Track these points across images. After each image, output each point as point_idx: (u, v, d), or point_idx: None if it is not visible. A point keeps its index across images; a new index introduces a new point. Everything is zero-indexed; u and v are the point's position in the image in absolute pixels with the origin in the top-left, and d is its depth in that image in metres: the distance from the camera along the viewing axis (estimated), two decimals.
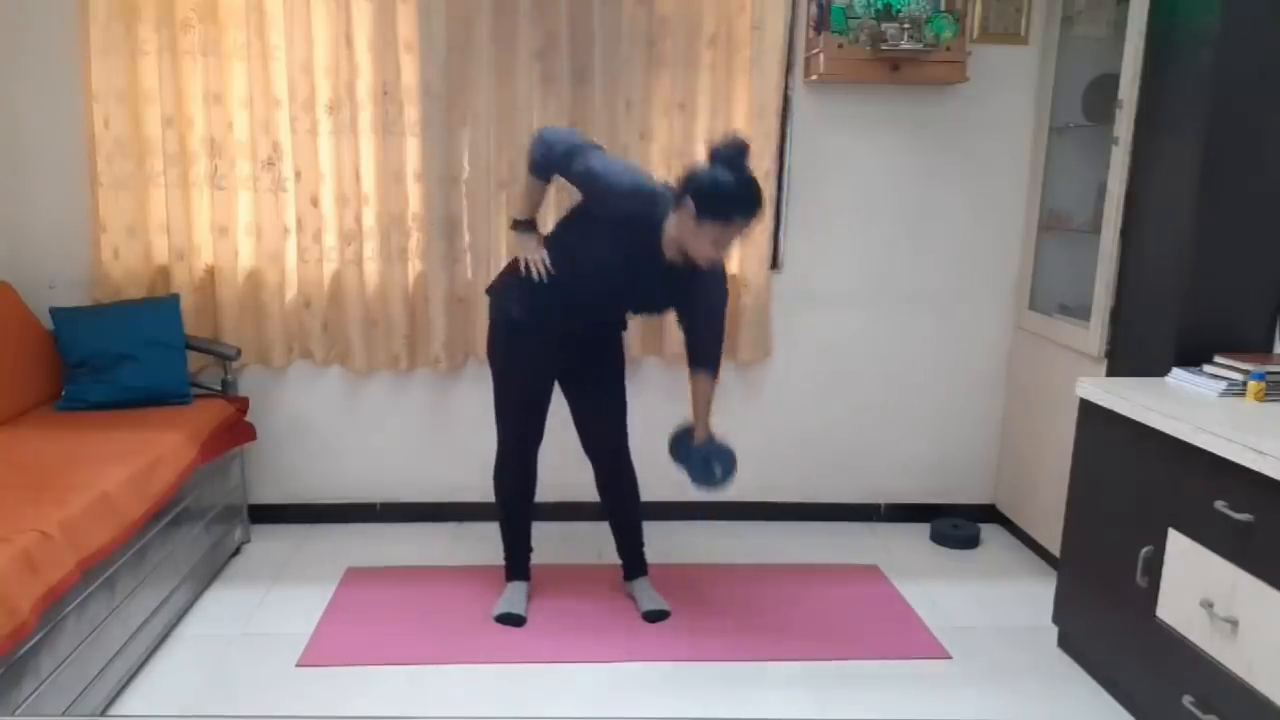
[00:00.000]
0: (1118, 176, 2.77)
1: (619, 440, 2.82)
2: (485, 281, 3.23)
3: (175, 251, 3.19)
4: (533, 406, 2.75)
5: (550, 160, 2.48)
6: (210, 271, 3.25)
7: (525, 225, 2.62)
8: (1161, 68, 2.62)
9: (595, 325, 2.73)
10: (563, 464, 2.92)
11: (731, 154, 2.33)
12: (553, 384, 2.77)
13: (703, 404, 2.67)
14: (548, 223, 2.96)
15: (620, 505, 2.87)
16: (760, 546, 3.37)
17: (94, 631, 2.20)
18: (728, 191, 2.30)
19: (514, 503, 2.84)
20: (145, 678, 2.46)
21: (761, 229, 3.28)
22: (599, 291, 2.58)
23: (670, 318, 3.27)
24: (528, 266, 2.56)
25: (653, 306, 2.76)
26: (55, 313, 3.02)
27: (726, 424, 3.49)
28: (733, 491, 3.51)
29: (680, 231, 2.39)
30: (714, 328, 2.63)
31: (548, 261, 2.54)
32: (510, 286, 2.64)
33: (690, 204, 2.31)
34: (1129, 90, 2.72)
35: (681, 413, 2.71)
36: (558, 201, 3.08)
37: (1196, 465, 2.07)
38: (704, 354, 2.64)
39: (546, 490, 2.88)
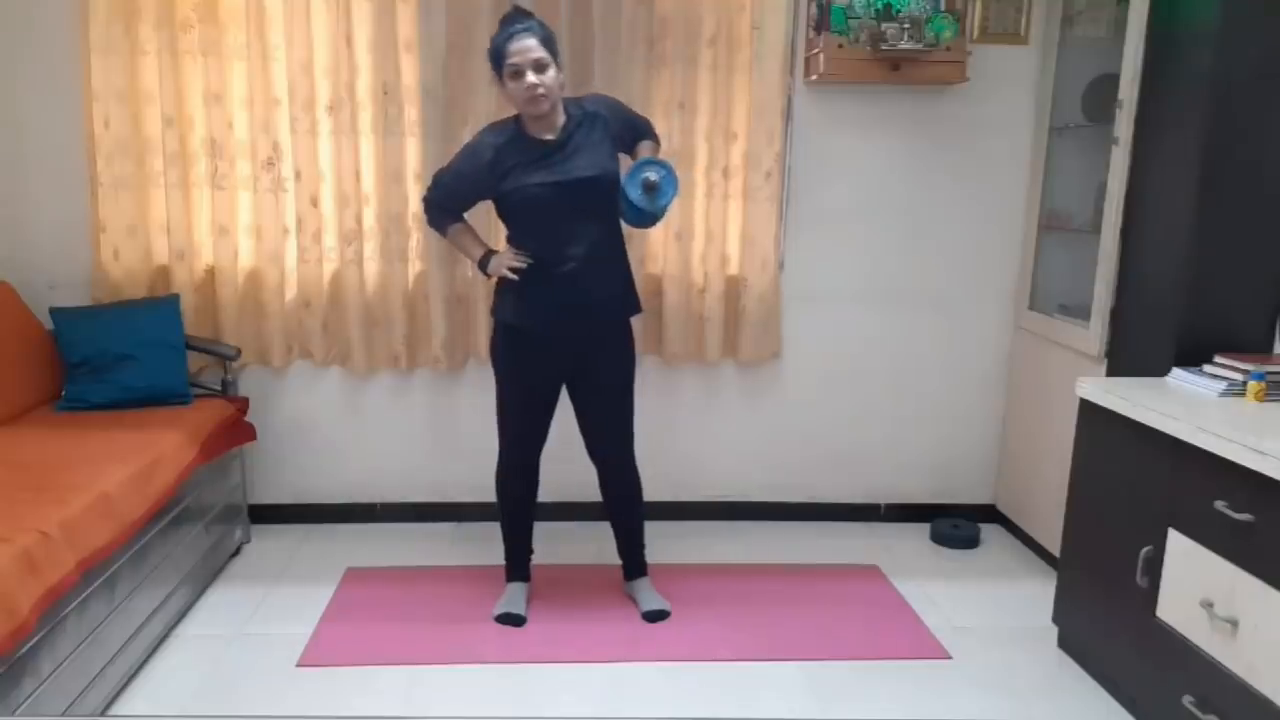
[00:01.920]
0: (1118, 176, 2.77)
1: (624, 444, 2.81)
2: (485, 281, 3.23)
3: (175, 251, 3.19)
4: (535, 414, 2.75)
5: (437, 205, 2.69)
6: (210, 271, 3.25)
7: (486, 255, 2.67)
8: (1161, 68, 2.62)
9: (600, 276, 2.62)
10: (563, 464, 2.92)
11: (503, 18, 2.52)
12: (558, 393, 2.76)
13: (646, 153, 2.69)
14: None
15: (623, 508, 2.87)
16: (760, 546, 3.37)
17: (94, 631, 2.20)
18: (493, 40, 2.50)
19: (516, 505, 2.84)
20: (145, 678, 2.46)
21: (765, 230, 3.28)
22: (563, 216, 2.54)
23: (673, 318, 3.28)
24: (513, 270, 2.56)
25: (603, 176, 2.57)
26: (55, 313, 3.02)
27: (727, 423, 3.51)
28: (733, 491, 3.54)
29: (512, 104, 2.53)
30: (626, 115, 2.71)
31: (517, 251, 2.58)
32: (505, 296, 2.65)
33: (496, 80, 2.53)
34: (1129, 90, 2.72)
35: (681, 412, 2.71)
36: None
37: (1196, 465, 2.07)
38: (641, 133, 2.73)
39: (547, 490, 2.88)
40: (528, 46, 2.44)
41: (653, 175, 2.53)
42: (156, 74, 3.07)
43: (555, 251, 2.55)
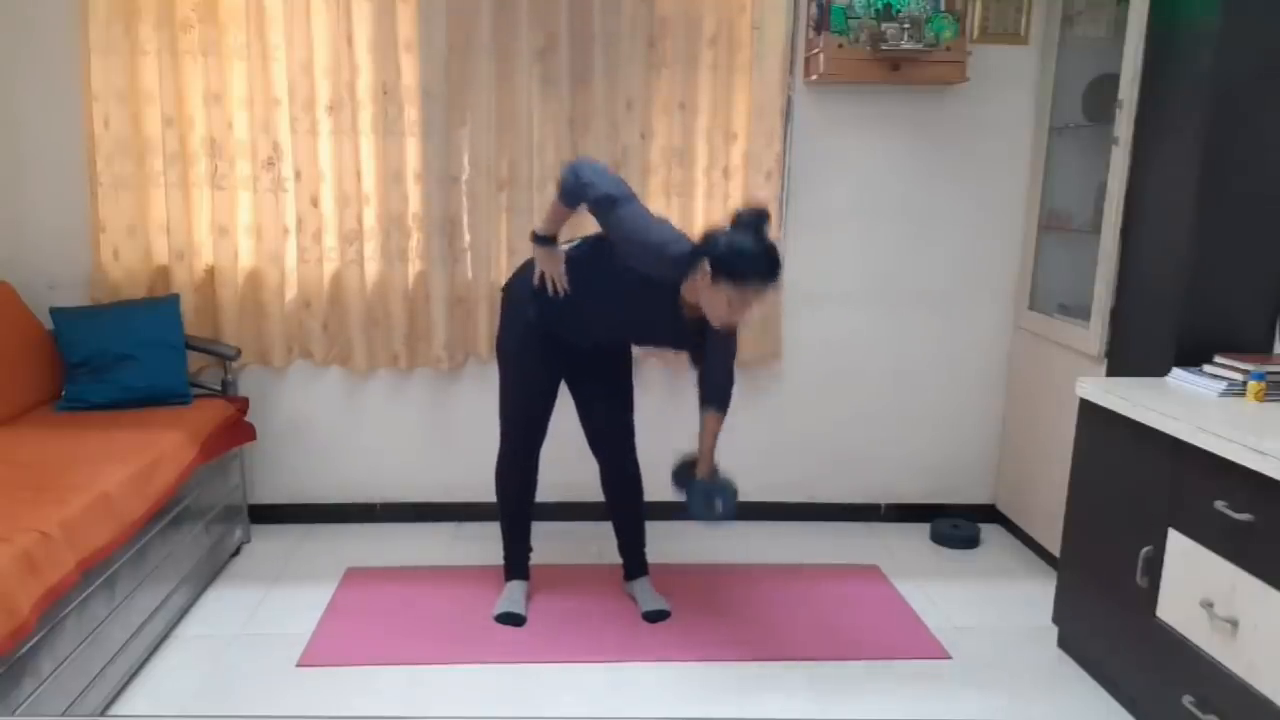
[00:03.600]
0: (1118, 176, 2.77)
1: (625, 436, 2.82)
2: (485, 281, 3.24)
3: (175, 251, 3.19)
4: (538, 406, 2.75)
5: (583, 199, 2.43)
6: (210, 271, 3.25)
7: (546, 240, 2.55)
8: (1161, 68, 2.62)
9: (601, 346, 2.74)
10: (564, 463, 2.92)
11: (752, 219, 2.34)
12: (559, 384, 2.77)
13: (709, 439, 2.65)
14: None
15: (624, 504, 2.88)
16: (760, 546, 3.37)
17: (94, 631, 2.20)
18: (745, 255, 2.29)
19: (515, 501, 2.84)
20: (145, 678, 2.46)
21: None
22: (608, 325, 2.63)
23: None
24: (543, 280, 2.55)
25: (661, 344, 2.80)
26: (55, 313, 3.02)
27: (727, 424, 3.50)
28: None
29: (697, 292, 2.37)
30: (724, 366, 2.63)
31: (564, 279, 2.53)
32: (525, 290, 2.64)
33: (708, 265, 2.30)
34: (1129, 90, 2.72)
35: (681, 412, 2.71)
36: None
37: (1196, 465, 2.07)
38: (714, 391, 2.63)
39: (547, 490, 2.88)
40: (766, 296, 2.39)
41: (719, 507, 2.62)
42: (156, 74, 3.07)
43: (584, 322, 2.61)
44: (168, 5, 3.03)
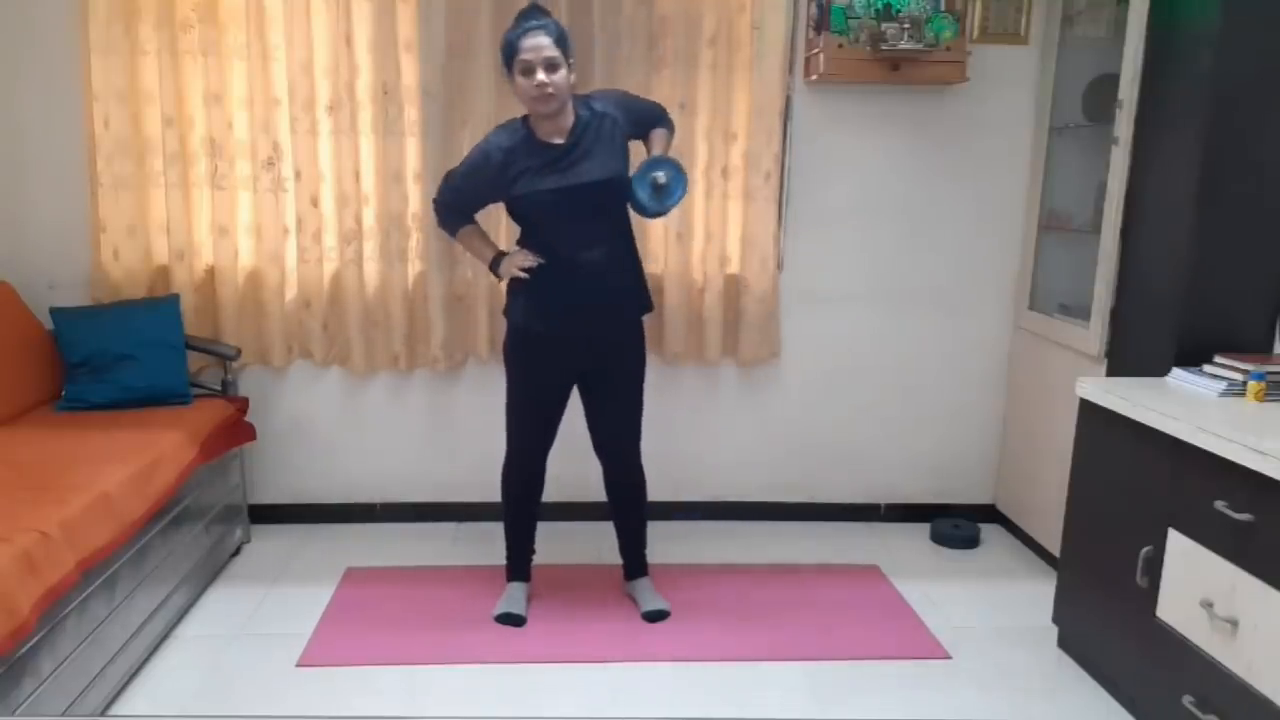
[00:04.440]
0: (1118, 176, 2.77)
1: (631, 442, 2.81)
2: (485, 281, 3.25)
3: (175, 251, 3.19)
4: (545, 415, 2.74)
5: (442, 207, 2.70)
6: (210, 271, 3.25)
7: (497, 257, 2.67)
8: (1161, 68, 2.62)
9: (611, 279, 2.62)
10: (565, 464, 2.92)
11: (520, 12, 2.50)
12: (569, 393, 2.76)
13: (659, 143, 2.70)
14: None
15: (626, 506, 2.87)
16: (760, 546, 3.37)
17: (94, 631, 2.20)
18: (507, 34, 2.48)
19: (520, 504, 2.84)
20: (145, 678, 2.46)
21: (765, 230, 3.28)
22: (573, 220, 2.54)
23: (672, 318, 3.27)
24: (525, 270, 2.56)
25: (612, 178, 2.56)
26: (55, 313, 3.02)
27: (727, 423, 3.51)
28: (733, 491, 3.54)
29: (520, 101, 2.51)
30: (637, 108, 2.70)
31: (528, 253, 2.58)
32: (518, 299, 2.64)
33: (506, 75, 2.50)
34: (1129, 90, 2.72)
35: (681, 412, 2.71)
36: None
37: (1196, 465, 2.07)
38: (654, 122, 2.72)
39: (548, 490, 2.87)
40: (541, 44, 2.43)
41: (661, 176, 2.55)
42: (156, 74, 3.07)
43: (566, 254, 2.56)
44: (168, 5, 3.03)
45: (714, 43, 3.18)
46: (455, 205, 2.69)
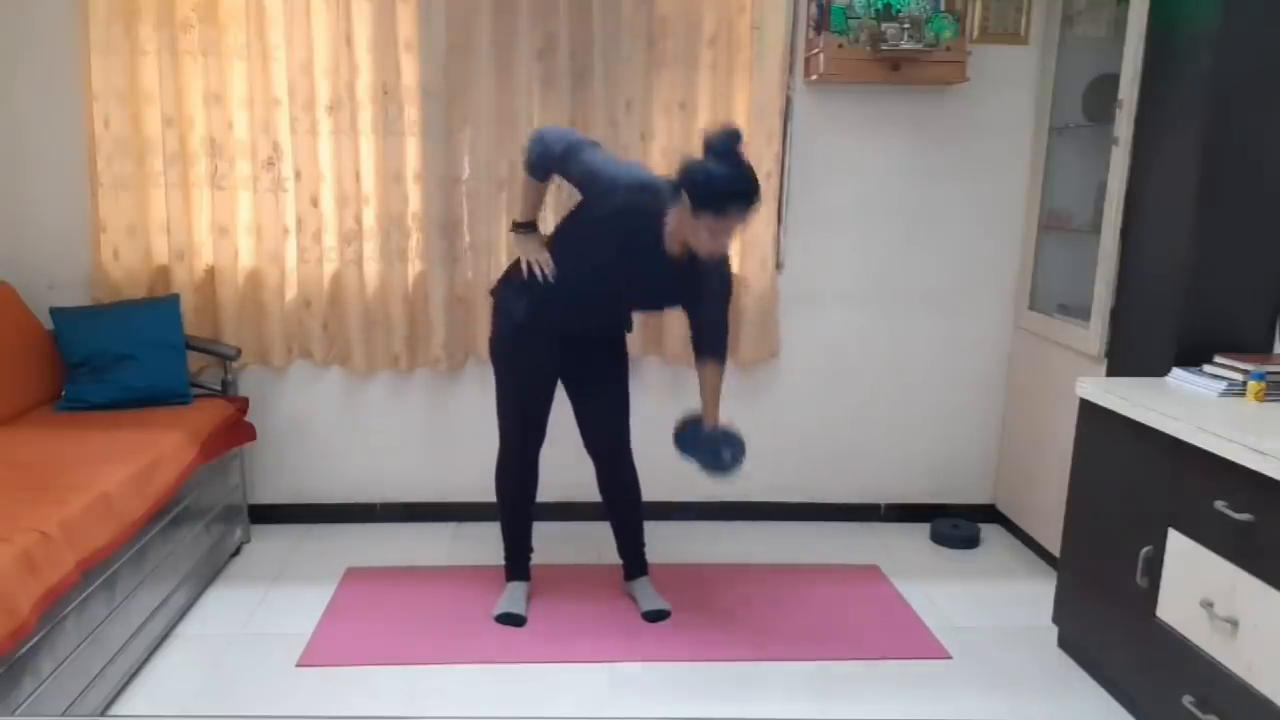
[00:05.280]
0: (1118, 176, 2.77)
1: (621, 439, 2.82)
2: (485, 281, 3.24)
3: (175, 251, 3.19)
4: (535, 408, 2.75)
5: (547, 159, 2.46)
6: (210, 271, 3.25)
7: (526, 227, 2.60)
8: (1161, 68, 2.62)
9: (600, 327, 2.73)
10: (563, 464, 2.92)
11: (724, 143, 2.31)
12: (555, 385, 2.77)
13: (711, 392, 2.64)
14: (549, 222, 2.97)
15: (621, 505, 2.87)
16: (760, 546, 3.37)
17: (94, 631, 2.20)
18: (721, 182, 2.28)
19: (515, 503, 2.84)
20: (145, 678, 2.46)
21: (764, 230, 3.28)
22: (602, 290, 2.57)
23: (672, 315, 3.28)
24: (530, 268, 2.56)
25: (657, 302, 2.73)
26: (55, 313, 3.02)
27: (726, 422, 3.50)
28: (733, 491, 3.54)
29: (679, 224, 2.38)
30: (718, 316, 2.61)
31: (550, 263, 2.54)
32: (513, 288, 2.64)
33: (685, 197, 2.31)
34: (1129, 90, 2.72)
35: (681, 412, 2.70)
36: (557, 203, 3.09)
37: (1196, 465, 2.07)
38: (710, 343, 2.62)
39: (546, 490, 2.88)
40: (748, 219, 2.38)
41: (727, 458, 2.58)
42: (156, 74, 3.07)
43: (578, 300, 2.57)
44: (168, 5, 3.03)
45: (714, 43, 3.18)
46: (550, 170, 2.49)
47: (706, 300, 2.57)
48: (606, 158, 2.47)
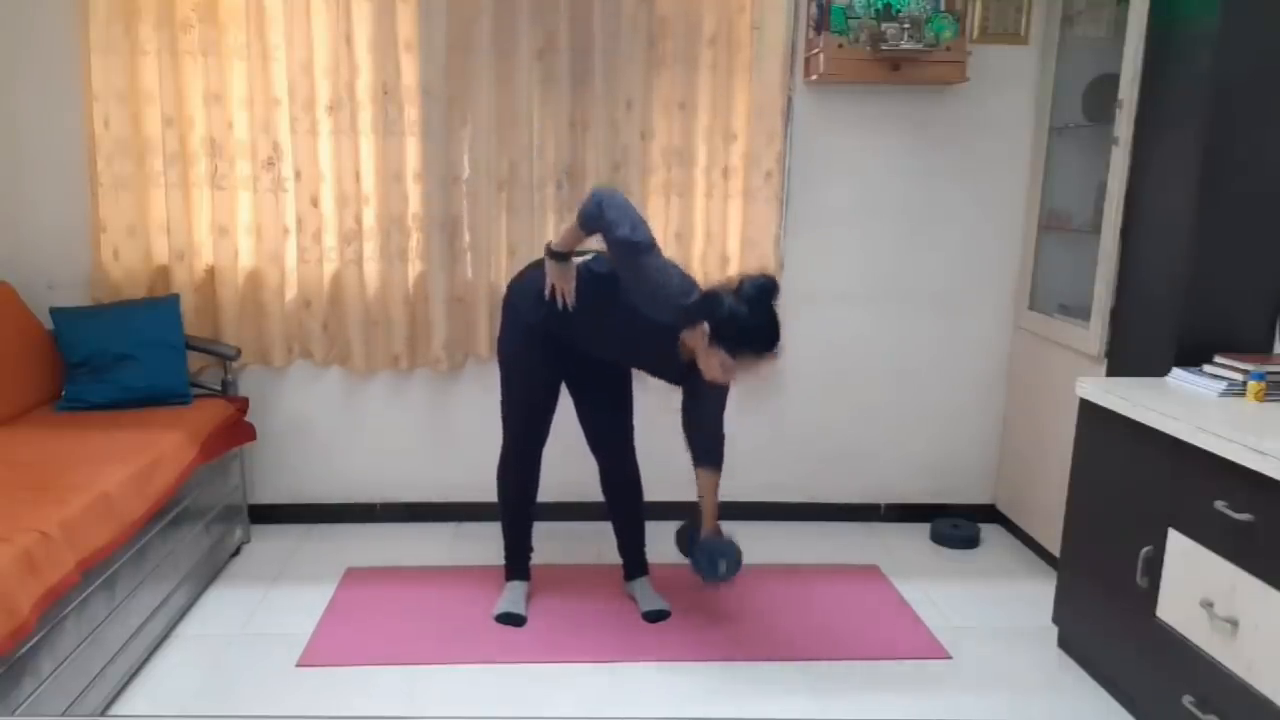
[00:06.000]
0: (1118, 176, 2.77)
1: (624, 436, 2.82)
2: (485, 281, 3.25)
3: (175, 251, 3.19)
4: (539, 406, 2.75)
5: (603, 234, 2.38)
6: (210, 271, 3.25)
7: (561, 257, 2.51)
8: (1161, 68, 2.62)
9: (600, 360, 2.73)
10: (564, 463, 2.92)
11: (757, 290, 2.31)
12: (560, 384, 2.77)
13: (710, 498, 2.71)
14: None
15: (623, 503, 2.88)
16: (760, 546, 3.35)
17: (94, 631, 2.20)
18: (744, 329, 2.29)
19: (516, 502, 2.84)
20: (145, 678, 2.46)
21: (765, 230, 3.28)
22: (608, 347, 2.63)
23: None
24: (553, 291, 2.53)
25: (657, 374, 2.73)
26: (55, 313, 3.02)
27: (727, 424, 3.50)
28: (733, 492, 3.53)
29: (694, 343, 2.38)
30: (715, 423, 2.68)
31: (572, 295, 2.51)
32: (531, 292, 2.63)
33: (706, 326, 2.31)
34: (1129, 90, 2.72)
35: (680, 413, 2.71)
36: None
37: (1196, 465, 2.07)
38: (708, 452, 2.70)
39: (547, 490, 2.88)
40: (762, 368, 2.38)
41: (723, 569, 2.69)
42: (156, 74, 3.07)
43: (585, 340, 2.62)
44: (168, 5, 3.03)
45: (714, 43, 3.18)
46: (607, 233, 2.39)
47: (708, 391, 2.58)
48: (655, 267, 2.38)
